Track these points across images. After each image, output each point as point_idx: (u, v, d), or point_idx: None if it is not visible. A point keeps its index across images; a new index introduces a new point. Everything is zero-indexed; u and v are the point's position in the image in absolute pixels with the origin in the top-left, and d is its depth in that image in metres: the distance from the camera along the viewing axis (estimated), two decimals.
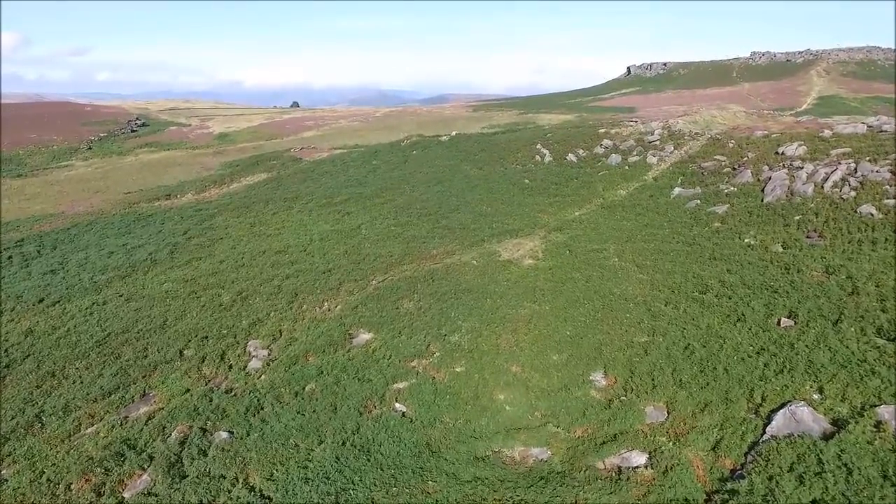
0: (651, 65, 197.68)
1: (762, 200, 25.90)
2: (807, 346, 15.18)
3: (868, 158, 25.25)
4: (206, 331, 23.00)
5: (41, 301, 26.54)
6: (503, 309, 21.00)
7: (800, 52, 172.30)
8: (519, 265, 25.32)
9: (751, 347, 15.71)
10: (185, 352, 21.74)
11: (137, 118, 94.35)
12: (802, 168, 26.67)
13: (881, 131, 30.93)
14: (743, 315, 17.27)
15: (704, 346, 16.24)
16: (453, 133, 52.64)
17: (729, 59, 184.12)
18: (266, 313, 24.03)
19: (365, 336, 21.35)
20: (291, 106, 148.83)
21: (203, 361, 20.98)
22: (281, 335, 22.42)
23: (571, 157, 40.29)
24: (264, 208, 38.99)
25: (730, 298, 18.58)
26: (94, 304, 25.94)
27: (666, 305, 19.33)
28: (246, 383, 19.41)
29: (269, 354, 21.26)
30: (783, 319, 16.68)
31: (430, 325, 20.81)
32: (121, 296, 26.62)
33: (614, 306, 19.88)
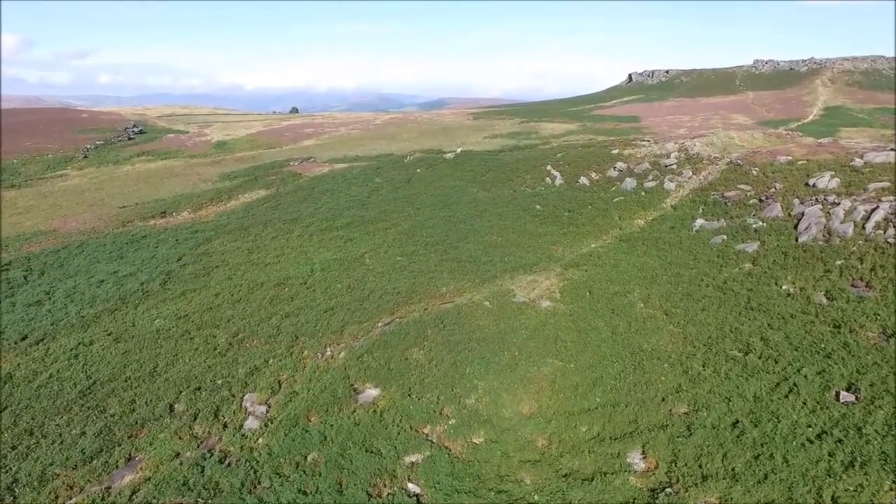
0: (653, 72, 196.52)
1: (796, 239, 24.25)
2: (877, 431, 13.48)
3: None
4: (199, 380, 21.24)
5: (24, 339, 24.77)
6: (523, 365, 19.29)
7: (803, 61, 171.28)
8: (536, 308, 23.60)
9: (810, 430, 14.02)
10: (175, 406, 19.97)
11: (135, 125, 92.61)
12: (839, 204, 25.02)
13: None
14: (795, 385, 15.58)
15: (756, 425, 14.54)
16: (458, 150, 50.98)
17: (732, 67, 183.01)
18: (264, 360, 22.27)
19: (372, 392, 19.60)
20: (290, 112, 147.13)
21: (195, 419, 19.21)
22: (280, 387, 20.66)
23: (584, 180, 38.62)
24: (263, 231, 37.22)
25: (776, 362, 16.89)
26: (80, 343, 24.14)
27: (704, 367, 17.64)
28: (242, 448, 17.65)
29: (267, 411, 19.49)
30: (842, 393, 14.99)
31: (442, 382, 19.09)
32: (109, 334, 24.81)
33: (646, 367, 18.18)
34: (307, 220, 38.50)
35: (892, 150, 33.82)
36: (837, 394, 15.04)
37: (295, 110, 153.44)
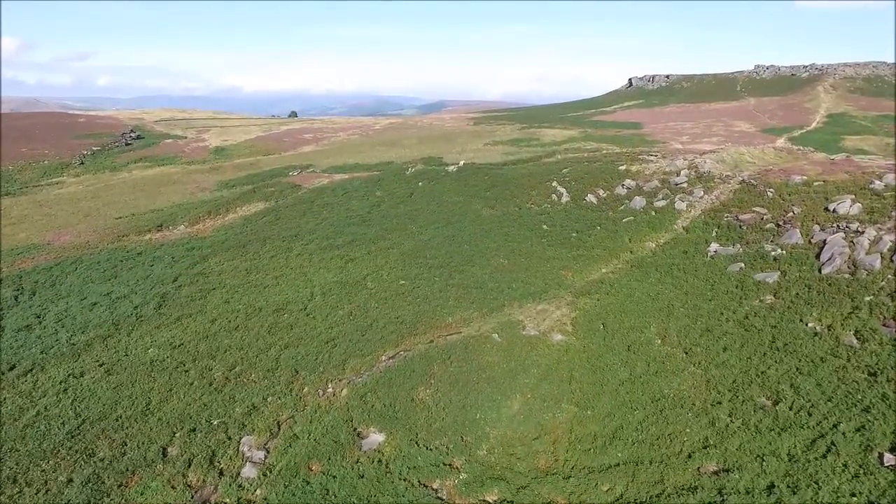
0: (653, 77, 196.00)
1: (819, 271, 23.27)
2: None
3: None
4: (194, 419, 20.17)
5: (12, 369, 23.68)
6: (537, 411, 18.26)
7: (805, 67, 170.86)
8: (548, 343, 22.56)
9: (854, 499, 13.00)
10: (169, 450, 18.90)
11: (132, 130, 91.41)
12: (863, 233, 24.06)
13: None
14: (833, 444, 14.55)
15: (794, 492, 13.49)
16: (461, 162, 49.92)
17: (732, 73, 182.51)
18: (262, 397, 21.20)
19: (376, 437, 18.54)
20: (289, 115, 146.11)
21: (189, 465, 18.15)
22: (279, 429, 19.60)
23: (591, 197, 37.62)
24: (261, 249, 36.11)
25: (810, 415, 15.87)
26: (70, 375, 23.03)
27: (731, 418, 16.61)
28: (239, 500, 16.62)
29: (265, 457, 18.42)
30: (886, 455, 13.96)
31: (451, 429, 18.06)
32: (101, 365, 23.69)
33: (669, 416, 17.15)
34: (307, 238, 37.43)
35: None
36: (881, 456, 14.01)
37: (294, 114, 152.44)
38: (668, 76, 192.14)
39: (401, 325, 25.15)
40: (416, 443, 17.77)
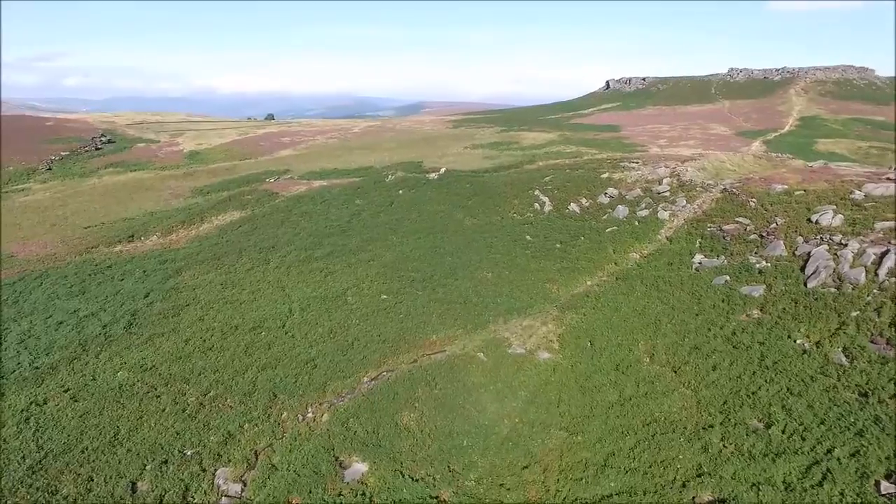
0: (630, 79, 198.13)
1: (805, 284, 23.13)
2: None
3: None
4: (165, 450, 19.14)
5: None
6: (526, 437, 17.69)
7: (777, 70, 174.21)
8: (534, 362, 22.04)
9: None
10: (139, 485, 17.88)
11: (103, 134, 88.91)
12: (846, 245, 24.00)
13: None
14: (829, 471, 14.22)
15: None
16: (442, 169, 49.27)
17: (707, 76, 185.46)
18: (238, 424, 20.25)
19: (359, 467, 17.77)
20: (266, 118, 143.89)
21: (161, 502, 17.17)
22: (257, 459, 18.70)
23: (574, 206, 37.27)
24: (237, 262, 34.96)
25: (803, 439, 15.55)
26: (32, 403, 21.71)
27: (724, 442, 16.23)
28: None
29: (242, 491, 17.54)
30: (883, 483, 13.69)
31: (437, 456, 17.39)
32: (66, 391, 22.42)
33: (661, 441, 16.71)
34: (285, 249, 36.39)
35: (888, 178, 33.22)
36: (877, 484, 13.73)
37: (271, 116, 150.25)
38: (644, 79, 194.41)
39: (383, 344, 24.39)
40: (402, 473, 17.07)
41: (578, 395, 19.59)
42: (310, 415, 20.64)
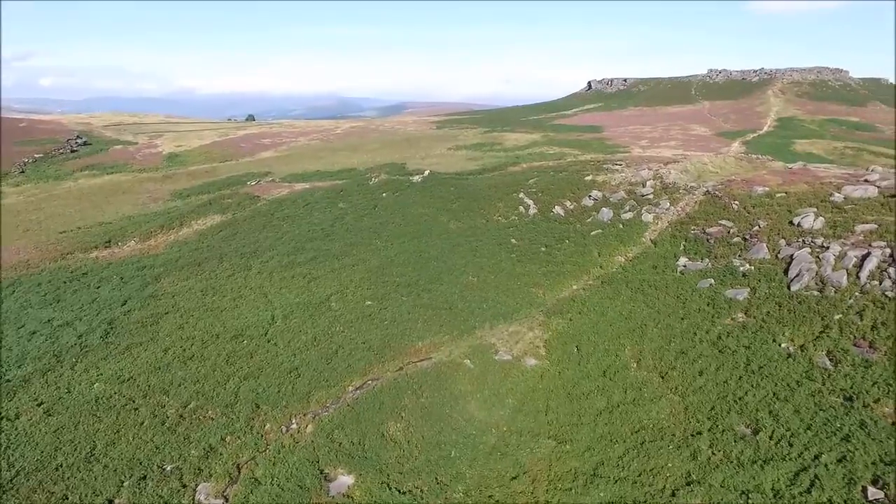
0: (611, 80, 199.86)
1: (788, 287, 23.27)
2: None
3: None
4: (144, 465, 18.57)
5: None
6: (514, 447, 17.47)
7: (755, 71, 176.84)
8: (521, 369, 21.85)
9: None
10: (116, 502, 17.30)
11: (78, 136, 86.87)
12: (828, 249, 24.21)
13: (893, 196, 29.00)
14: (816, 478, 14.21)
15: None
16: (426, 172, 48.93)
17: (687, 77, 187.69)
18: (220, 437, 19.74)
19: (345, 480, 17.41)
20: (247, 119, 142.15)
21: None
22: (239, 473, 18.22)
23: (558, 209, 37.23)
24: (218, 267, 34.28)
25: (790, 445, 15.55)
26: (3, 418, 20.96)
27: (713, 450, 16.17)
28: None
29: None
30: (870, 489, 13.71)
31: (424, 468, 17.08)
32: (39, 404, 21.69)
33: (650, 449, 16.60)
34: (267, 254, 35.78)
35: (866, 180, 33.70)
36: (864, 490, 13.75)
37: (251, 117, 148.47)
38: (625, 80, 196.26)
39: (368, 352, 24.00)
40: (388, 485, 16.74)
41: (566, 403, 19.43)
42: (294, 426, 20.21)
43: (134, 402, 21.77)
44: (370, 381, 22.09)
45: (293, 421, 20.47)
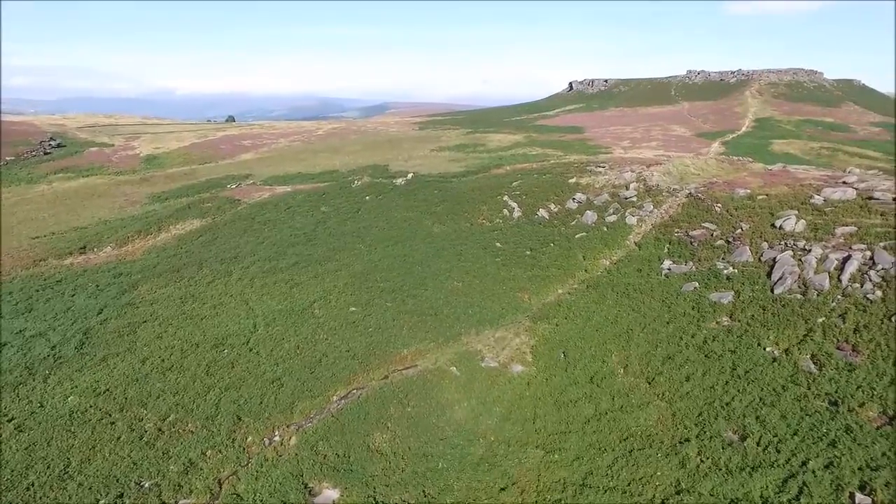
0: (592, 81, 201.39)
1: (772, 290, 23.40)
2: None
3: (882, 245, 23.24)
4: (121, 482, 17.97)
5: None
6: (502, 457, 17.23)
7: (732, 72, 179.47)
8: (508, 376, 21.64)
9: None
10: None
11: (52, 138, 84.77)
12: (810, 251, 24.41)
13: (871, 198, 29.42)
14: (804, 484, 14.20)
15: None
16: (409, 175, 48.55)
17: (667, 77, 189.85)
18: (201, 451, 19.19)
19: (330, 494, 17.01)
20: (226, 120, 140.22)
21: None
22: (221, 489, 17.70)
23: (543, 212, 37.15)
24: (197, 273, 33.55)
25: (778, 451, 15.54)
26: None
27: (700, 457, 16.10)
28: None
29: None
30: (858, 495, 13.73)
31: (412, 480, 16.76)
32: (10, 420, 20.90)
33: (639, 458, 16.48)
34: (248, 260, 35.13)
35: (844, 182, 34.17)
36: (852, 496, 13.76)
37: (231, 118, 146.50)
38: (606, 80, 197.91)
39: (353, 360, 23.59)
40: (375, 499, 16.38)
41: (554, 411, 19.25)
42: (277, 438, 19.73)
43: (110, 415, 21.09)
44: (355, 391, 21.69)
45: (276, 433, 20.00)
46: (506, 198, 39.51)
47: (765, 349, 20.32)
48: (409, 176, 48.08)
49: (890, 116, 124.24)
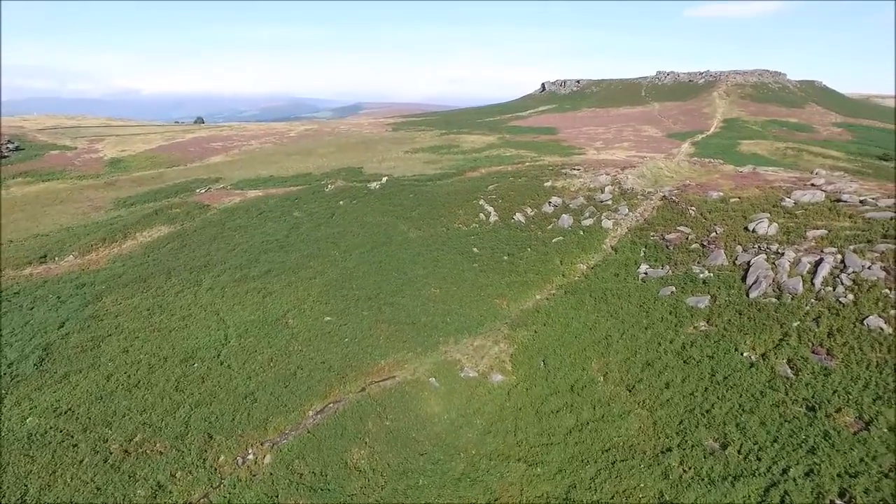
0: (565, 82, 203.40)
1: (747, 294, 23.56)
2: None
3: (853, 248, 23.62)
4: None
5: None
6: (484, 472, 16.86)
7: (700, 73, 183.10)
8: (488, 386, 21.32)
9: None
10: None
11: (10, 140, 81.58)
12: (783, 255, 24.67)
13: (839, 200, 29.99)
14: (786, 493, 14.17)
15: None
16: (384, 179, 47.90)
17: (637, 78, 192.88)
18: (170, 473, 18.39)
19: None
20: (195, 121, 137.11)
21: None
22: None
23: (519, 216, 36.95)
24: (165, 283, 32.42)
25: (759, 459, 15.52)
26: None
27: (683, 467, 15.99)
28: None
29: None
30: (837, 503, 13.77)
31: (391, 500, 16.28)
32: None
33: (622, 470, 16.29)
34: (218, 268, 34.10)
35: (812, 185, 34.83)
36: None
37: (200, 120, 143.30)
38: (578, 81, 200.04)
39: (329, 372, 22.96)
40: None
41: (535, 422, 18.97)
42: (250, 457, 19.03)
43: (72, 437, 20.09)
44: (331, 405, 21.08)
45: (250, 451, 19.29)
46: (482, 202, 39.22)
47: (742, 354, 20.39)
48: (384, 179, 47.45)
49: (850, 117, 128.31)
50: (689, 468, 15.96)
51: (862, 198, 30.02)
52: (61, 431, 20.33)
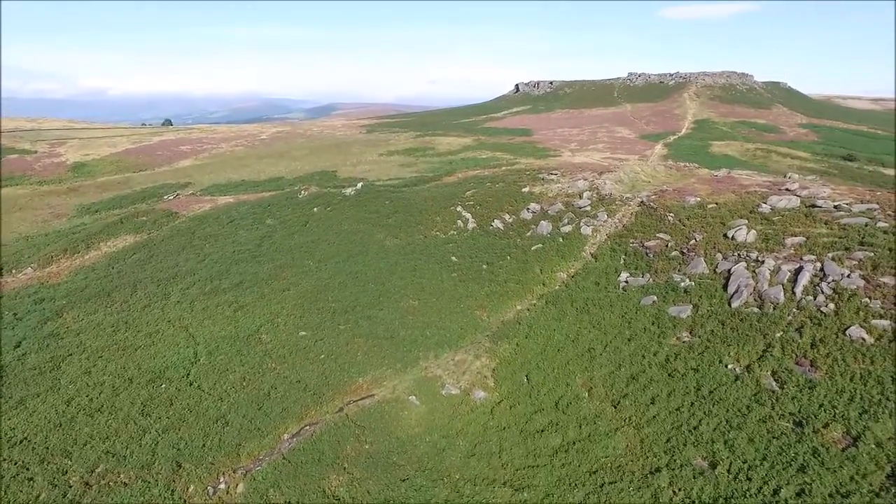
0: (538, 83, 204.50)
1: (729, 304, 23.40)
2: None
3: (831, 255, 23.68)
4: None
5: None
6: (469, 499, 16.14)
7: (671, 75, 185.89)
8: (470, 403, 20.67)
9: None
10: None
11: None
12: (763, 263, 24.62)
13: (814, 206, 30.20)
14: None
15: None
16: (359, 185, 46.91)
17: (609, 80, 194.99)
18: None
19: None
20: (163, 123, 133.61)
21: None
22: None
23: (497, 223, 36.45)
24: (131, 297, 31.00)
25: (749, 479, 15.21)
26: None
27: (672, 489, 15.59)
28: None
29: None
30: None
31: None
32: None
33: (611, 493, 15.78)
34: (187, 280, 32.77)
35: (787, 189, 35.08)
36: None
37: (168, 122, 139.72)
38: (551, 82, 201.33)
39: (304, 392, 22.04)
40: None
41: (520, 442, 18.40)
42: (222, 486, 18.04)
43: (28, 469, 18.82)
44: (308, 427, 20.19)
45: (221, 480, 18.30)
46: (459, 208, 38.60)
47: (727, 366, 20.15)
48: (359, 185, 46.47)
49: (814, 118, 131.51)
50: (679, 490, 15.57)
51: (836, 203, 30.26)
52: (16, 464, 19.03)
